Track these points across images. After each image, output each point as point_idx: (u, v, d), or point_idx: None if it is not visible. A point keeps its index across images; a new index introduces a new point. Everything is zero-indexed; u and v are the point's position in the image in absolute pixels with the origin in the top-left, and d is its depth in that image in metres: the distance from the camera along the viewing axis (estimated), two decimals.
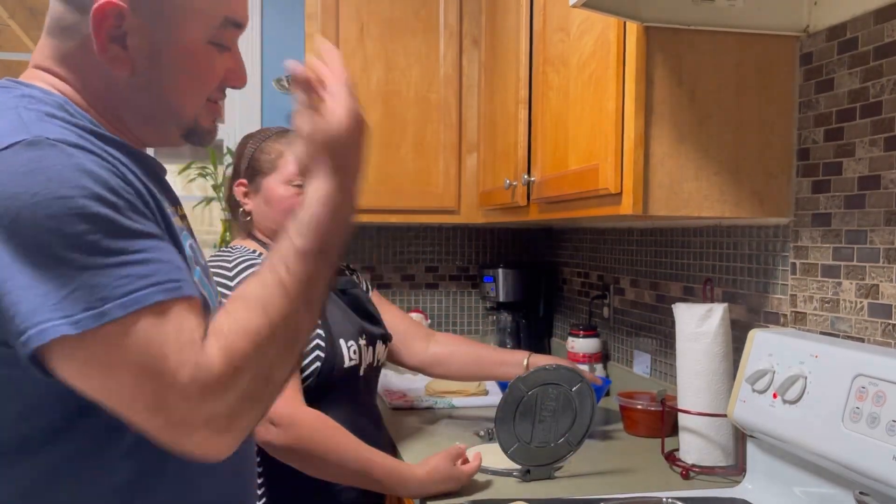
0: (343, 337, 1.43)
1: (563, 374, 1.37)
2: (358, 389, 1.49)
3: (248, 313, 0.72)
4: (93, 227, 0.66)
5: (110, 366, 0.66)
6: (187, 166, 2.64)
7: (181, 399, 0.67)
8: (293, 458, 1.29)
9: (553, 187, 1.61)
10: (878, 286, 1.18)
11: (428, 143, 2.24)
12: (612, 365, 2.17)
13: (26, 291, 0.65)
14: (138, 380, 0.66)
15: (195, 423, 0.68)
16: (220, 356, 0.68)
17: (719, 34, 1.31)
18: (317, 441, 1.28)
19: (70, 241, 0.65)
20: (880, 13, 1.17)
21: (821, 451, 1.09)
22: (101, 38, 0.77)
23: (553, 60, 1.63)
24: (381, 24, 2.21)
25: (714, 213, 1.33)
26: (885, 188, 1.17)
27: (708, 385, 1.38)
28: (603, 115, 1.35)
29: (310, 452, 1.28)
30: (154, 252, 0.70)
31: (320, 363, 1.38)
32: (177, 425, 0.68)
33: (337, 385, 1.42)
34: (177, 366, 0.66)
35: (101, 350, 0.66)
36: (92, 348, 0.65)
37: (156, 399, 0.66)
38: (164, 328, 0.67)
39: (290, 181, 1.45)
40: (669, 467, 1.43)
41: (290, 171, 1.45)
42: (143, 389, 0.66)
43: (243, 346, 0.70)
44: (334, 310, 1.47)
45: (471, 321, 2.71)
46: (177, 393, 0.66)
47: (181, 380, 0.66)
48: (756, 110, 1.34)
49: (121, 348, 0.66)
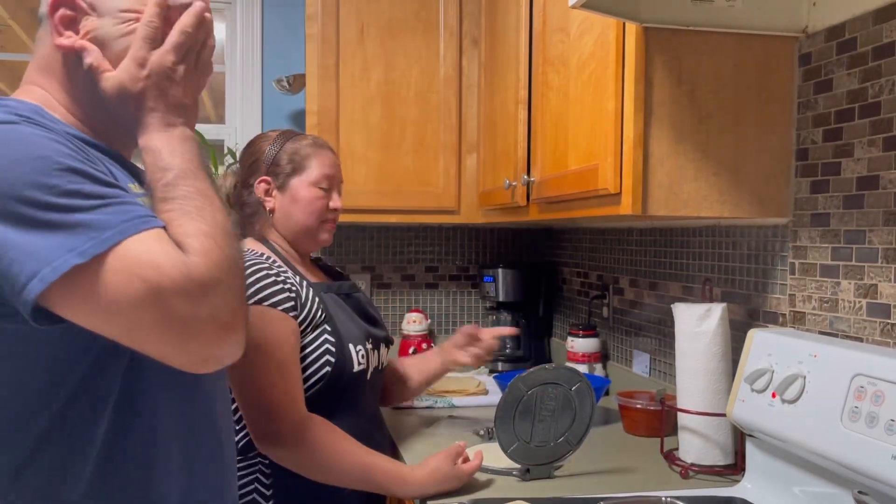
0: (352, 342, 1.43)
1: (563, 373, 1.37)
2: (364, 393, 1.49)
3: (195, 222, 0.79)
4: (75, 178, 0.74)
5: (116, 287, 0.72)
6: None
7: (182, 298, 0.73)
8: (297, 466, 1.30)
9: (553, 187, 1.61)
10: (877, 286, 1.18)
11: (428, 143, 2.25)
12: (611, 364, 2.17)
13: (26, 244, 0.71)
14: (141, 292, 0.72)
15: (201, 319, 0.74)
16: (200, 256, 0.76)
17: (718, 35, 1.31)
18: (318, 448, 1.29)
19: (58, 190, 0.73)
20: (879, 14, 1.18)
21: (819, 451, 1.09)
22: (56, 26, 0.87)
23: (553, 61, 1.63)
24: (381, 24, 2.21)
25: (713, 213, 1.34)
26: (883, 188, 1.17)
27: (707, 384, 1.38)
28: (602, 115, 1.35)
29: (312, 459, 1.29)
30: (127, 198, 0.78)
31: (330, 368, 1.38)
32: (186, 327, 0.73)
33: (345, 389, 1.42)
34: (171, 270, 0.73)
35: (107, 275, 0.72)
36: (98, 275, 0.72)
37: (160, 307, 0.72)
38: (152, 246, 0.74)
39: (318, 184, 1.49)
40: (669, 466, 1.43)
41: (318, 174, 1.49)
42: (147, 301, 0.72)
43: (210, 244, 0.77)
44: (341, 314, 1.46)
45: (471, 321, 2.71)
46: (177, 293, 0.72)
47: (178, 280, 0.73)
48: (755, 110, 1.34)
49: (122, 269, 0.72)
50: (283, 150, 1.51)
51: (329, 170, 1.51)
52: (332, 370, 1.38)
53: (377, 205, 2.21)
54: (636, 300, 2.01)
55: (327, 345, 1.39)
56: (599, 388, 1.75)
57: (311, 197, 1.49)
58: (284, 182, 1.49)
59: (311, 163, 1.50)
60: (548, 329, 2.62)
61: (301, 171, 1.49)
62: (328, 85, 2.19)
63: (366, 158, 2.21)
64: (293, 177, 1.49)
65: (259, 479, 1.35)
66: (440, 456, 1.31)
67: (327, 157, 1.52)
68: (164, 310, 0.72)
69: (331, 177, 1.51)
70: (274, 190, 1.50)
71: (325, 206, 1.50)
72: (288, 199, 1.49)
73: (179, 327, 0.73)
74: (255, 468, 1.35)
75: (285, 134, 1.54)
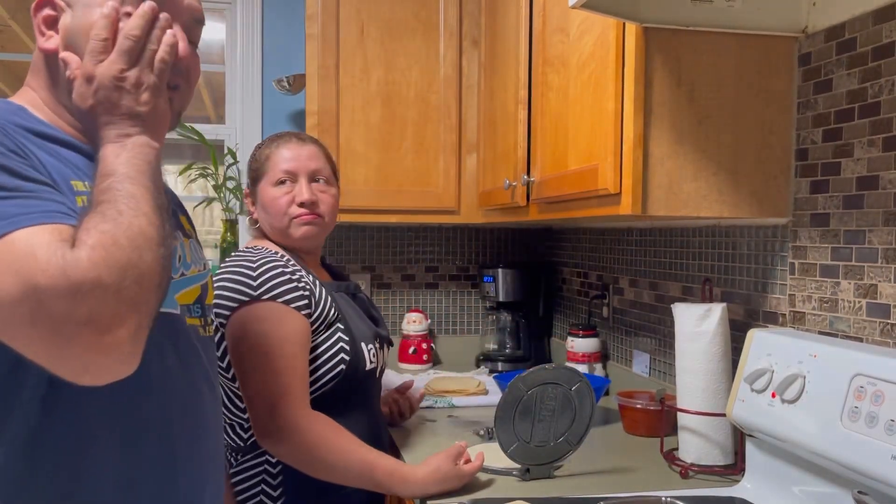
0: (364, 340, 1.43)
1: (563, 373, 1.37)
2: (373, 392, 1.50)
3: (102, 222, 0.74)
4: None
5: None
6: (188, 167, 2.64)
7: (57, 296, 0.68)
8: (298, 463, 1.29)
9: (552, 187, 1.61)
10: (877, 286, 1.19)
11: (428, 144, 2.25)
12: (611, 364, 2.17)
13: None
14: (13, 286, 0.68)
15: (76, 321, 0.68)
16: (86, 253, 0.70)
17: (718, 35, 1.31)
18: (320, 445, 1.28)
19: None
20: (879, 14, 1.18)
21: (819, 451, 1.09)
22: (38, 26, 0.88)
23: (552, 61, 1.63)
24: (381, 24, 2.21)
25: (713, 213, 1.34)
26: (883, 188, 1.17)
27: (707, 384, 1.38)
28: (602, 115, 1.35)
29: (314, 457, 1.28)
30: (45, 194, 0.75)
31: (345, 366, 1.38)
32: (58, 328, 0.68)
33: (357, 388, 1.42)
34: (46, 265, 0.68)
35: None
36: None
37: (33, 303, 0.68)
38: (39, 240, 0.70)
39: (278, 181, 1.47)
40: (668, 466, 1.43)
41: (276, 171, 1.47)
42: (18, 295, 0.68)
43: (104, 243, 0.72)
44: (351, 314, 1.46)
45: (470, 321, 2.71)
46: (52, 290, 0.67)
47: (53, 275, 0.68)
48: (755, 111, 1.34)
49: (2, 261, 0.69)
50: (253, 158, 1.53)
51: (287, 164, 1.47)
52: (347, 368, 1.38)
53: (377, 205, 2.21)
54: (636, 300, 2.01)
55: (341, 343, 1.39)
56: (599, 388, 1.75)
57: (272, 197, 1.46)
58: (254, 191, 1.51)
59: (268, 164, 1.48)
60: (548, 329, 2.62)
61: (262, 175, 1.49)
62: (328, 85, 2.19)
63: (366, 159, 2.21)
64: (258, 182, 1.50)
65: (266, 479, 1.35)
66: (441, 456, 1.31)
67: (285, 151, 1.48)
68: (38, 307, 0.67)
69: (290, 171, 1.47)
70: (253, 200, 1.53)
71: (287, 202, 1.46)
72: (261, 207, 1.50)
73: (51, 327, 0.68)
74: (261, 466, 1.35)
75: (265, 140, 1.55)
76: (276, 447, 1.30)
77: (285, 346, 1.30)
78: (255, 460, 1.35)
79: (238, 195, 2.60)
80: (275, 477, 1.35)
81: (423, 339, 2.53)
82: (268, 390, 1.28)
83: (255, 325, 1.31)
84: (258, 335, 1.30)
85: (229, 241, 2.62)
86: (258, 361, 1.28)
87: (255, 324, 1.31)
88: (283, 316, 1.32)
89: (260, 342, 1.30)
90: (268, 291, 1.32)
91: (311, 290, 1.38)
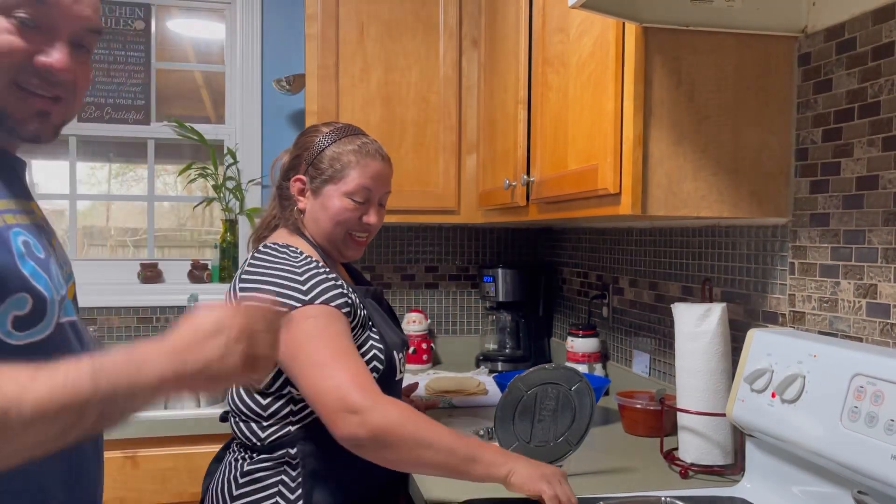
0: (395, 349, 1.40)
1: (563, 373, 1.37)
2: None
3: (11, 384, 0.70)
4: None
5: None
6: (188, 167, 2.64)
7: None
8: (383, 446, 1.15)
9: (552, 187, 1.61)
10: (877, 286, 1.19)
11: (428, 144, 2.25)
12: (611, 364, 2.17)
13: None
14: None
15: None
16: None
17: (718, 35, 1.31)
18: (404, 423, 1.16)
19: None
20: (878, 14, 1.18)
21: (819, 451, 1.09)
22: None
23: (552, 61, 1.64)
24: (380, 24, 2.22)
25: (713, 213, 1.34)
26: (883, 188, 1.17)
27: (707, 384, 1.38)
28: (602, 115, 1.35)
29: (402, 435, 1.15)
30: None
31: (378, 374, 1.34)
32: None
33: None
34: None
35: None
36: None
37: None
38: None
39: (352, 195, 1.41)
40: (668, 466, 1.43)
41: (355, 185, 1.41)
42: None
43: None
44: (380, 320, 1.42)
45: (470, 321, 2.71)
46: None
47: None
48: (754, 111, 1.34)
49: None
50: (326, 153, 1.43)
51: (369, 181, 1.43)
52: (380, 377, 1.33)
53: None
54: (636, 300, 2.01)
55: (375, 350, 1.36)
56: (599, 388, 1.75)
57: (341, 208, 1.41)
58: (319, 187, 1.43)
59: (349, 171, 1.41)
60: (548, 329, 2.62)
61: (338, 180, 1.42)
62: (328, 85, 2.19)
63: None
64: (329, 184, 1.42)
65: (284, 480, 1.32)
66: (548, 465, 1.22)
67: (371, 168, 1.43)
68: None
69: (369, 189, 1.43)
70: (308, 191, 1.44)
71: (354, 219, 1.43)
72: (318, 205, 1.43)
73: None
74: (280, 467, 1.33)
75: (337, 132, 1.46)
76: (355, 434, 1.15)
77: (341, 339, 1.24)
78: (273, 461, 1.33)
79: (238, 195, 2.60)
80: (293, 480, 1.32)
81: (423, 340, 2.53)
82: (334, 379, 1.18)
83: (307, 322, 1.24)
84: (311, 330, 1.24)
85: (229, 240, 2.62)
86: (317, 355, 1.21)
87: (307, 321, 1.25)
88: (332, 314, 1.27)
89: (314, 336, 1.23)
90: (319, 296, 1.27)
91: (348, 295, 1.34)
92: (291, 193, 1.46)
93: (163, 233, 2.82)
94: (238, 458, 1.38)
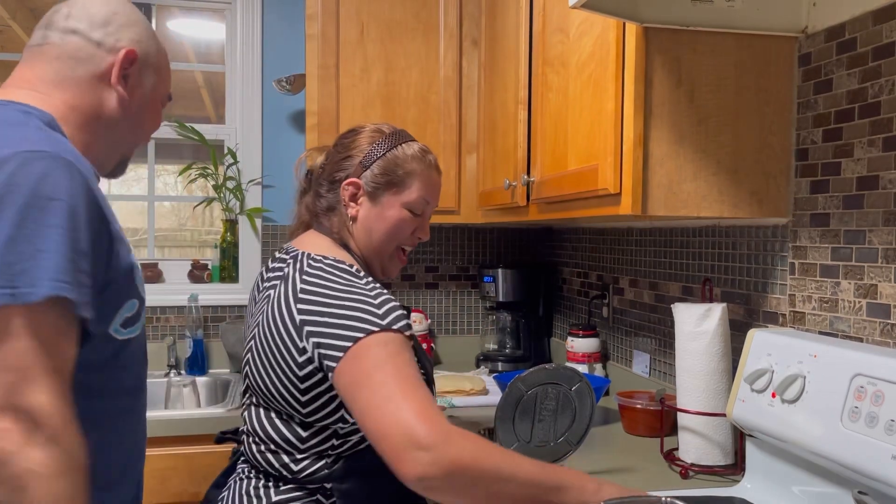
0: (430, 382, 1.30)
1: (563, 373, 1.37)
2: None
3: None
4: None
5: None
6: (188, 167, 2.64)
7: None
8: (459, 484, 1.01)
9: (552, 187, 1.61)
10: (877, 286, 1.19)
11: (428, 144, 2.24)
12: (611, 364, 2.17)
13: None
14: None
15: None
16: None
17: (718, 35, 1.32)
18: (482, 456, 1.02)
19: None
20: (879, 14, 1.18)
21: (819, 451, 1.09)
22: (118, 73, 1.05)
23: (552, 61, 1.64)
24: (381, 25, 2.22)
25: (713, 213, 1.34)
26: (883, 188, 1.17)
27: (707, 384, 1.38)
28: (602, 115, 1.36)
29: (481, 470, 1.01)
30: None
31: None
32: None
33: None
34: None
35: None
36: None
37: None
38: None
39: (413, 207, 1.32)
40: (668, 466, 1.43)
41: (417, 196, 1.33)
42: None
43: None
44: (423, 359, 1.27)
45: (471, 321, 2.71)
46: None
47: None
48: (755, 111, 1.34)
49: None
50: (386, 157, 1.32)
51: (429, 195, 1.35)
52: None
53: None
54: (636, 300, 2.01)
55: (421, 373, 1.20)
56: (599, 388, 1.75)
57: (400, 219, 1.32)
58: (377, 193, 1.32)
59: (413, 181, 1.32)
60: (548, 329, 2.62)
61: (399, 188, 1.32)
62: (328, 85, 2.19)
63: None
64: (388, 190, 1.32)
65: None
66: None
67: (432, 180, 1.35)
68: None
69: (428, 202, 1.35)
70: (362, 197, 1.32)
71: (408, 232, 1.34)
72: (375, 213, 1.32)
73: None
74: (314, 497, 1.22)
75: (394, 136, 1.35)
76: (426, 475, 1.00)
77: (409, 368, 1.11)
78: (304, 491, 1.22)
79: (238, 195, 2.60)
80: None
81: (423, 339, 2.53)
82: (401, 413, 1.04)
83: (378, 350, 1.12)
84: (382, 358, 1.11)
85: (229, 240, 2.62)
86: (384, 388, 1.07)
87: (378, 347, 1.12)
88: (403, 341, 1.14)
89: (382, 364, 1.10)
90: (394, 322, 1.14)
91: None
92: (341, 198, 1.33)
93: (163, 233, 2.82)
94: (259, 485, 1.25)
